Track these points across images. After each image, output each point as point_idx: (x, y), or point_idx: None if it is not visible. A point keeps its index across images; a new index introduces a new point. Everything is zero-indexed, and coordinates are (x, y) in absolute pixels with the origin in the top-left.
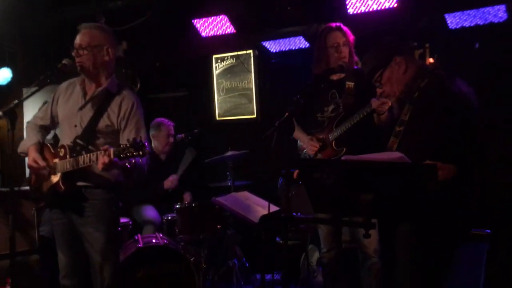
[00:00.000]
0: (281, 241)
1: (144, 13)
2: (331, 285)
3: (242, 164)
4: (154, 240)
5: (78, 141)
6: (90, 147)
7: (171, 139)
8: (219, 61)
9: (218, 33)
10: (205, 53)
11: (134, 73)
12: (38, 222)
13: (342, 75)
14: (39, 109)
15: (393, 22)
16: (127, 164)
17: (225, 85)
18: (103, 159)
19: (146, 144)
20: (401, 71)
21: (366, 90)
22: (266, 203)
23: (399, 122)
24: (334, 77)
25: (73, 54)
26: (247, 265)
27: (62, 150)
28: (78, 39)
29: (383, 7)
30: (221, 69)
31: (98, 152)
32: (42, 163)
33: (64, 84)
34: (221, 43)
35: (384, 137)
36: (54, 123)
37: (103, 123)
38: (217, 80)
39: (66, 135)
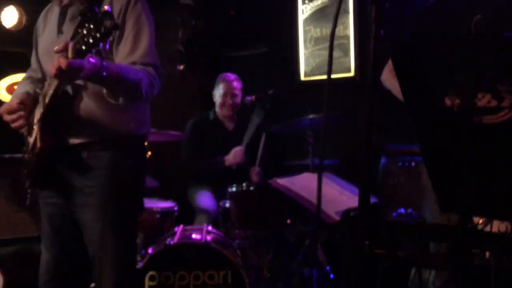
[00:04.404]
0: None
1: None
2: None
3: (329, 136)
4: (195, 236)
5: None
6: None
7: (229, 100)
8: (306, 1)
9: None
10: None
11: (205, 25)
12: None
13: None
14: None
15: None
16: (100, 69)
17: (314, 33)
18: (57, 62)
19: (109, 9)
20: None
21: None
22: (356, 189)
23: None
24: None
25: None
26: (331, 276)
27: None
28: None
29: None
30: (309, 12)
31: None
32: (13, 103)
33: (41, 16)
34: None
35: None
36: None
37: None
38: (304, 27)
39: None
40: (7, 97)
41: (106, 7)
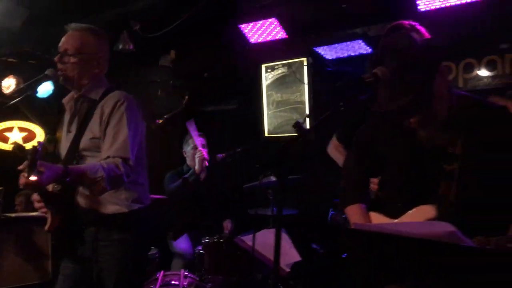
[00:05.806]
0: None
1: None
2: None
3: (289, 189)
4: (173, 281)
5: None
6: None
7: (198, 152)
8: (269, 70)
9: (267, 39)
10: (254, 61)
11: (182, 84)
12: (53, 251)
13: None
14: None
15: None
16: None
17: (276, 97)
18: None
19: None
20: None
21: None
22: None
23: (447, 158)
24: None
25: (55, 59)
26: None
27: None
28: (64, 42)
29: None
30: (271, 79)
31: None
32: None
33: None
34: (271, 50)
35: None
36: None
37: (86, 137)
38: (267, 92)
39: None
40: None
41: (38, 145)
